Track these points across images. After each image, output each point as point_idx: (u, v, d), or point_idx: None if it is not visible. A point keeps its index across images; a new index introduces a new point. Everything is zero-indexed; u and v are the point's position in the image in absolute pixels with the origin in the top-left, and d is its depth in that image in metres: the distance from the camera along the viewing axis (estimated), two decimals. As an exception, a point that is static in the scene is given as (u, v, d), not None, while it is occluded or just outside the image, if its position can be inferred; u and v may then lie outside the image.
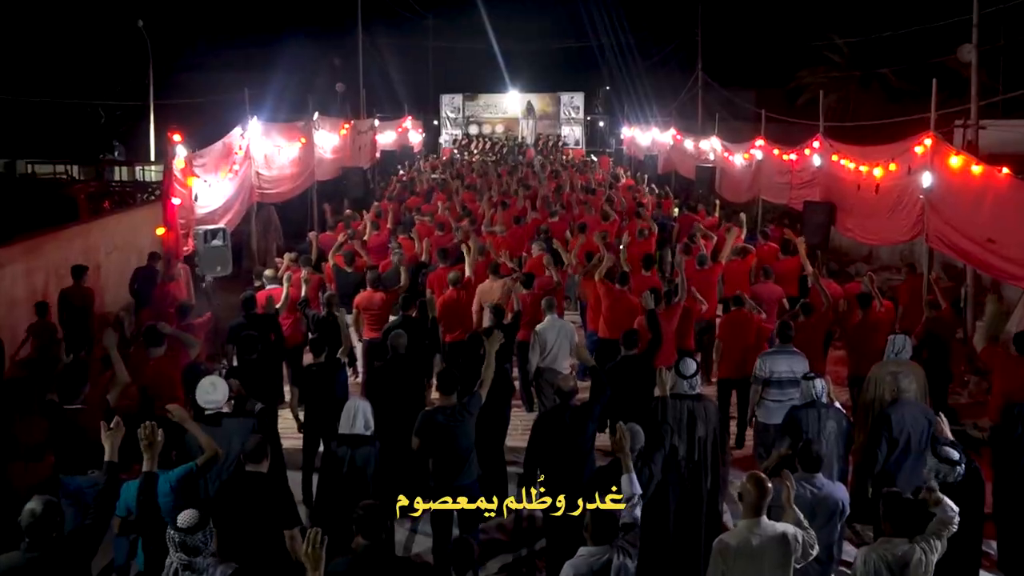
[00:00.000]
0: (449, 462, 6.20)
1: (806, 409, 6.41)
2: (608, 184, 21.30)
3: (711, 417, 6.46)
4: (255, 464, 5.28)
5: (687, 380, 6.46)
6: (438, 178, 22.27)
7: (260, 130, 13.94)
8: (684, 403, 6.40)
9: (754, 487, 4.69)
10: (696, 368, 6.54)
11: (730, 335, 8.94)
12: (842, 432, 6.41)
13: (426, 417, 6.28)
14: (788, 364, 7.65)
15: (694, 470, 6.31)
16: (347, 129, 19.73)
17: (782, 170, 15.74)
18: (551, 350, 8.69)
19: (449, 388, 6.37)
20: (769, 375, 7.68)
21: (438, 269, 11.00)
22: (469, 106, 40.86)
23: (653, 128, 28.58)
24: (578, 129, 40.38)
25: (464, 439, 6.23)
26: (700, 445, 6.37)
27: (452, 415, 6.23)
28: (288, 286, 9.55)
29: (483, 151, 36.80)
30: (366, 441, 5.96)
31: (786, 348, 7.83)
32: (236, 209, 12.80)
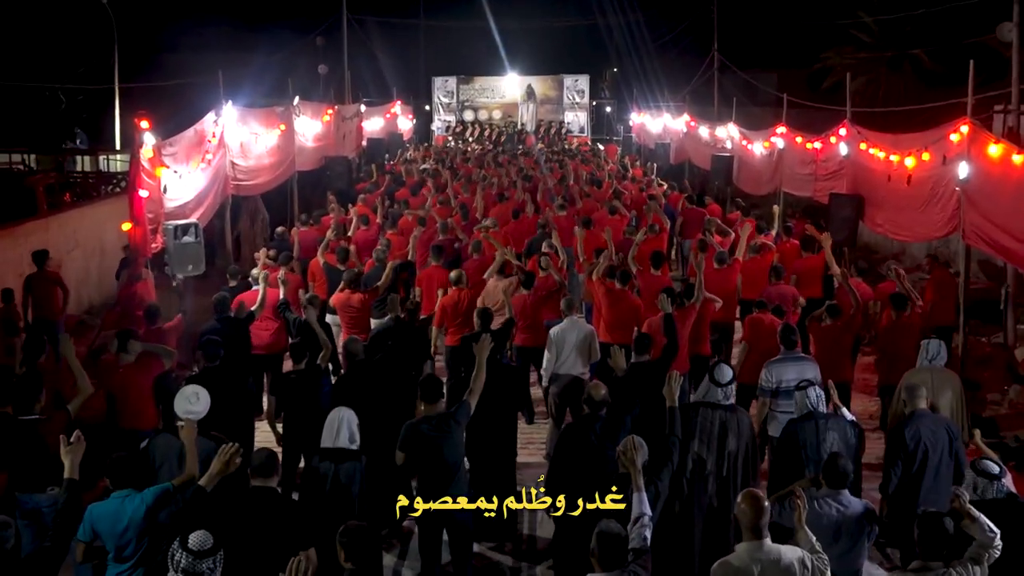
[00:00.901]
0: (436, 477, 6.18)
1: (803, 422, 6.41)
2: (618, 175, 21.32)
3: (744, 431, 6.44)
4: (264, 479, 5.27)
5: (722, 388, 6.43)
6: (428, 168, 22.26)
7: (236, 116, 13.93)
8: (716, 413, 6.38)
9: (749, 506, 4.64)
10: (732, 376, 6.54)
11: (754, 338, 8.94)
12: (847, 443, 6.38)
13: (410, 428, 6.27)
14: (798, 372, 7.61)
15: (722, 487, 6.30)
16: (330, 115, 19.73)
17: (805, 160, 15.74)
18: (570, 355, 8.71)
19: (432, 396, 6.36)
20: (777, 385, 7.67)
21: (430, 267, 11.00)
22: (464, 90, 40.86)
23: (665, 114, 28.59)
24: (583, 115, 40.39)
25: (451, 452, 6.22)
26: (730, 460, 6.35)
27: (438, 426, 6.22)
28: (265, 287, 9.55)
29: (479, 138, 36.80)
30: (351, 456, 5.95)
31: (793, 354, 7.83)
32: (209, 202, 12.79)
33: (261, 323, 9.63)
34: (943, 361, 7.61)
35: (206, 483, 5.18)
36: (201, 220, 11.92)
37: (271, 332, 9.65)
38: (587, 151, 30.13)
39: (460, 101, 40.70)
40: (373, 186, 18.11)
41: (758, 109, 26.11)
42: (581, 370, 8.79)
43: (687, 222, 15.45)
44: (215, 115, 13.25)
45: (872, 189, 12.84)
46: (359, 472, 5.93)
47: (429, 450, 6.17)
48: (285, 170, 16.58)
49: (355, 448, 6.00)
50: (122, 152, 25.48)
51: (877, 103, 27.78)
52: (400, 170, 21.70)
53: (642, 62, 37.71)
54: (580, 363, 8.77)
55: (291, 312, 9.33)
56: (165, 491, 5.24)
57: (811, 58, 34.84)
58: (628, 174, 21.94)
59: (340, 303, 9.91)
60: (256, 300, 9.53)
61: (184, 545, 4.22)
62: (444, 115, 40.46)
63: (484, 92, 41.06)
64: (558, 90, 40.76)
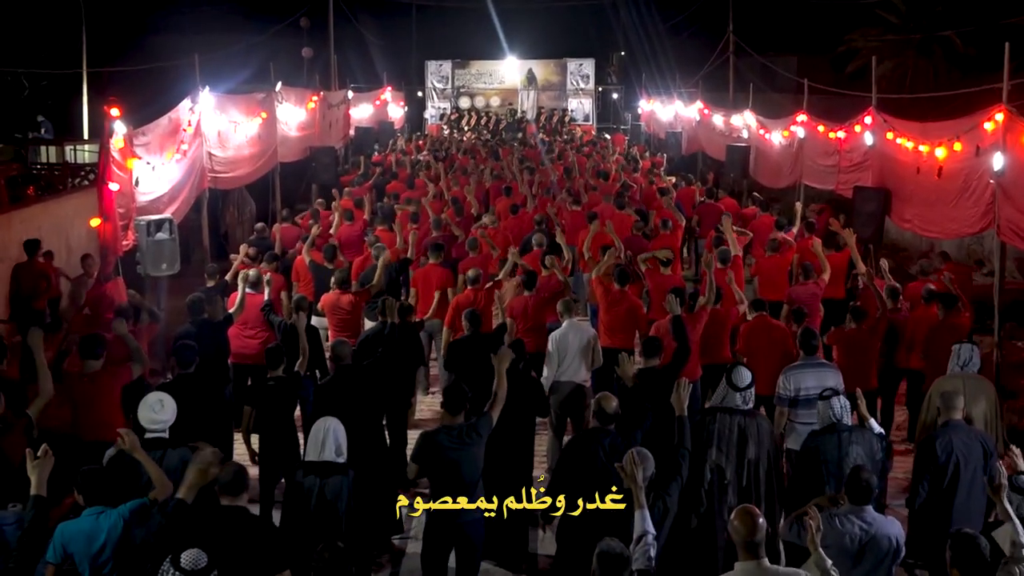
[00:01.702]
0: (451, 493, 6.17)
1: (824, 435, 6.42)
2: (630, 167, 21.34)
3: (764, 437, 6.48)
4: (232, 497, 5.26)
5: (740, 393, 6.48)
6: (421, 159, 22.29)
7: (213, 103, 13.94)
8: (734, 419, 6.42)
9: (741, 523, 4.62)
10: (751, 379, 6.56)
11: (756, 345, 8.95)
12: (873, 457, 6.40)
13: (427, 439, 6.25)
14: (818, 379, 7.64)
15: (744, 497, 6.32)
16: (315, 102, 19.75)
17: (828, 150, 15.75)
18: (571, 360, 8.72)
19: (456, 407, 6.37)
20: (795, 394, 7.68)
21: (427, 266, 11.03)
22: (459, 75, 40.87)
23: (676, 101, 28.61)
24: (588, 102, 40.41)
25: (470, 467, 6.21)
26: (751, 469, 6.39)
27: (458, 437, 6.22)
28: (244, 287, 9.56)
29: (475, 127, 36.81)
30: (338, 470, 5.95)
31: (813, 360, 7.85)
32: (184, 196, 12.80)
33: (249, 331, 9.65)
34: (976, 367, 7.62)
35: (185, 495, 5.16)
36: (176, 215, 11.93)
37: (261, 341, 9.60)
38: (588, 141, 30.12)
39: (455, 87, 40.71)
40: (360, 179, 18.13)
41: (777, 96, 26.10)
42: (584, 377, 8.81)
43: (704, 218, 15.47)
44: (191, 102, 13.26)
45: (900, 182, 12.84)
46: (347, 488, 5.92)
47: (446, 464, 6.17)
48: (266, 161, 16.59)
49: (342, 462, 6.00)
50: (90, 142, 25.42)
51: (905, 89, 27.81)
52: (391, 161, 21.72)
53: (652, 45, 37.74)
54: (583, 369, 8.79)
55: (275, 315, 9.35)
56: (143, 506, 5.24)
57: (834, 40, 34.85)
58: (639, 166, 21.98)
59: (329, 305, 9.93)
60: (253, 302, 9.55)
61: (176, 564, 4.23)
62: (438, 102, 40.47)
63: (481, 77, 41.06)
64: (561, 75, 40.77)
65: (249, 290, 9.74)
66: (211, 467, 5.23)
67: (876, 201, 13.17)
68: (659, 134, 29.99)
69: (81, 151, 27.47)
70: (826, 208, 17.10)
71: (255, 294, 9.73)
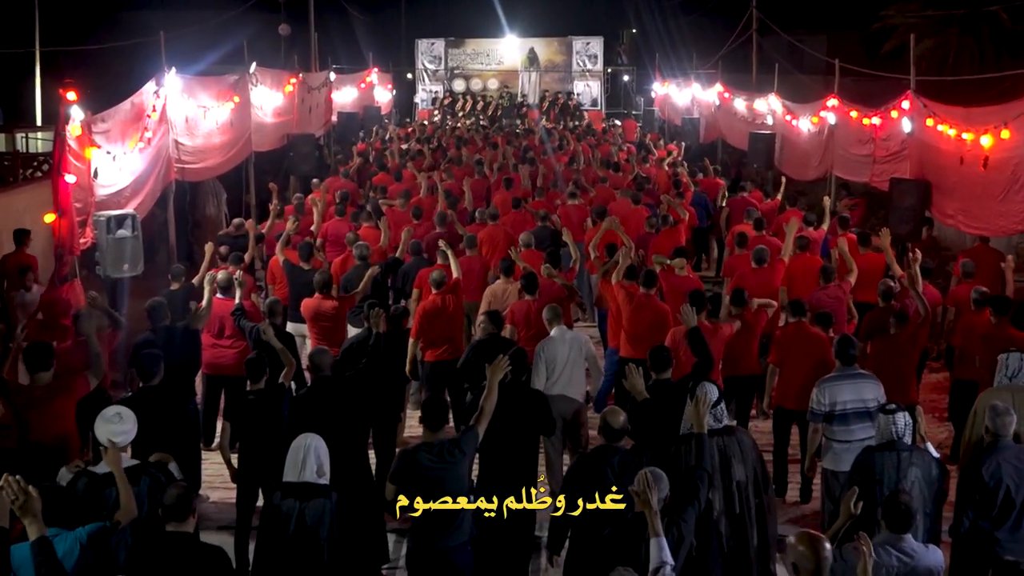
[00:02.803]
0: (434, 516, 6.18)
1: (883, 452, 6.40)
2: (640, 156, 21.36)
3: (748, 453, 6.48)
4: (178, 523, 5.26)
5: (711, 412, 6.47)
6: (411, 149, 22.31)
7: (180, 86, 13.94)
8: (712, 440, 6.39)
9: (810, 550, 4.63)
10: (719, 395, 6.59)
11: (791, 354, 8.96)
12: (930, 482, 6.40)
13: (406, 457, 6.27)
14: (856, 392, 7.63)
15: (737, 526, 6.31)
16: (294, 85, 19.76)
17: (862, 138, 15.77)
18: (561, 371, 8.70)
19: (436, 422, 6.39)
20: (831, 408, 7.67)
21: (436, 267, 11.06)
22: (453, 55, 40.86)
23: (693, 84, 28.61)
24: (595, 85, 40.41)
25: (454, 486, 6.21)
26: (740, 493, 6.39)
27: (440, 455, 6.22)
28: (210, 291, 9.57)
29: (471, 113, 36.82)
30: (319, 492, 5.96)
31: (851, 371, 7.83)
32: (148, 189, 12.80)
33: (225, 340, 9.65)
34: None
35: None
36: (139, 210, 11.93)
37: (238, 351, 9.60)
38: (590, 129, 30.12)
39: (449, 68, 40.69)
40: (354, 171, 18.12)
41: (805, 78, 26.11)
42: (579, 392, 8.82)
43: (733, 213, 15.49)
44: (155, 85, 13.25)
45: (941, 173, 12.85)
46: (329, 512, 5.92)
47: (427, 484, 6.17)
48: (239, 151, 16.59)
49: (324, 483, 6.00)
50: (44, 129, 25.41)
51: (947, 70, 27.79)
52: (375, 150, 21.75)
53: (666, 22, 37.76)
54: (577, 383, 8.77)
55: (247, 320, 9.34)
56: (102, 529, 5.25)
57: (868, 17, 34.82)
58: (654, 156, 21.99)
59: (310, 311, 9.92)
60: (224, 308, 9.56)
61: None
62: (430, 85, 40.46)
63: (477, 58, 41.06)
64: (566, 55, 40.77)
65: (219, 295, 9.74)
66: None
67: (915, 195, 13.18)
68: (674, 120, 29.98)
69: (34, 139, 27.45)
70: (860, 202, 17.11)
71: (226, 299, 9.72)
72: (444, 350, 9.84)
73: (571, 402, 8.73)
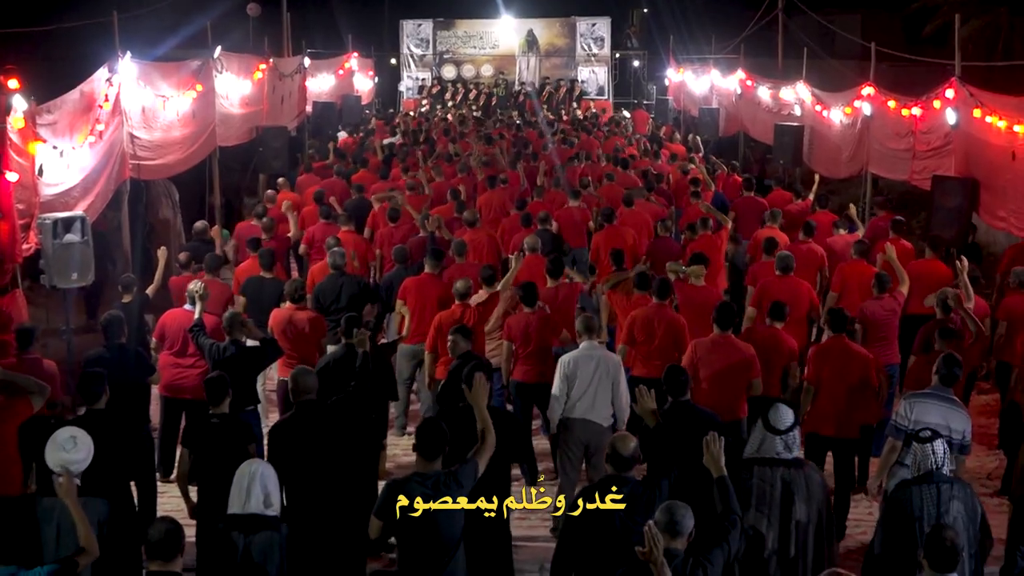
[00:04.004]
0: (425, 557, 6.17)
1: (920, 486, 6.40)
2: (652, 151, 21.40)
3: (816, 492, 6.46)
4: (164, 562, 5.32)
5: (782, 437, 6.46)
6: (395, 143, 22.33)
7: (136, 73, 13.94)
8: (776, 471, 6.40)
9: None
10: (794, 420, 6.56)
11: (829, 374, 8.95)
12: (974, 517, 6.40)
13: (394, 489, 6.25)
14: (944, 417, 7.60)
15: (789, 570, 6.31)
16: (264, 72, 19.76)
17: (900, 131, 15.78)
18: (584, 392, 8.70)
19: (432, 450, 6.37)
20: (913, 426, 7.63)
21: (423, 276, 11.12)
22: (442, 38, 40.92)
23: (712, 70, 28.67)
24: (602, 71, 40.46)
25: (449, 524, 6.21)
26: (799, 533, 6.37)
27: (434, 488, 6.22)
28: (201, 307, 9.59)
29: (462, 103, 36.86)
30: (267, 524, 6.01)
31: (944, 393, 7.80)
32: (100, 189, 12.79)
33: (186, 359, 9.66)
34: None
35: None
36: (90, 213, 11.91)
37: (201, 372, 9.60)
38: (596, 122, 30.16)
39: (437, 53, 40.75)
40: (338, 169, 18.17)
41: (837, 63, 26.12)
42: (605, 416, 8.80)
43: (742, 216, 15.49)
44: (108, 71, 13.24)
45: (990, 170, 12.86)
46: (278, 546, 5.97)
47: (418, 521, 6.16)
48: (202, 146, 16.58)
49: (272, 514, 6.05)
50: (-17, 121, 25.50)
51: (996, 55, 27.85)
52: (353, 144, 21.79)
53: (681, 0, 37.83)
54: (602, 406, 8.76)
55: (206, 337, 9.34)
56: (53, 573, 5.27)
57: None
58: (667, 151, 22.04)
59: (280, 323, 9.93)
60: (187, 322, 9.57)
61: None
62: (416, 72, 40.51)
63: (470, 41, 41.10)
64: (569, 38, 40.81)
65: (188, 306, 9.77)
66: None
67: (960, 194, 13.18)
68: (691, 111, 30.03)
69: (-29, 132, 27.41)
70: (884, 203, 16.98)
71: (191, 311, 9.75)
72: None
73: (594, 427, 8.72)
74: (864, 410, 8.88)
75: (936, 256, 11.80)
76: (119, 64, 13.42)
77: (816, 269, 12.48)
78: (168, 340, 9.85)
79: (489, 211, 15.21)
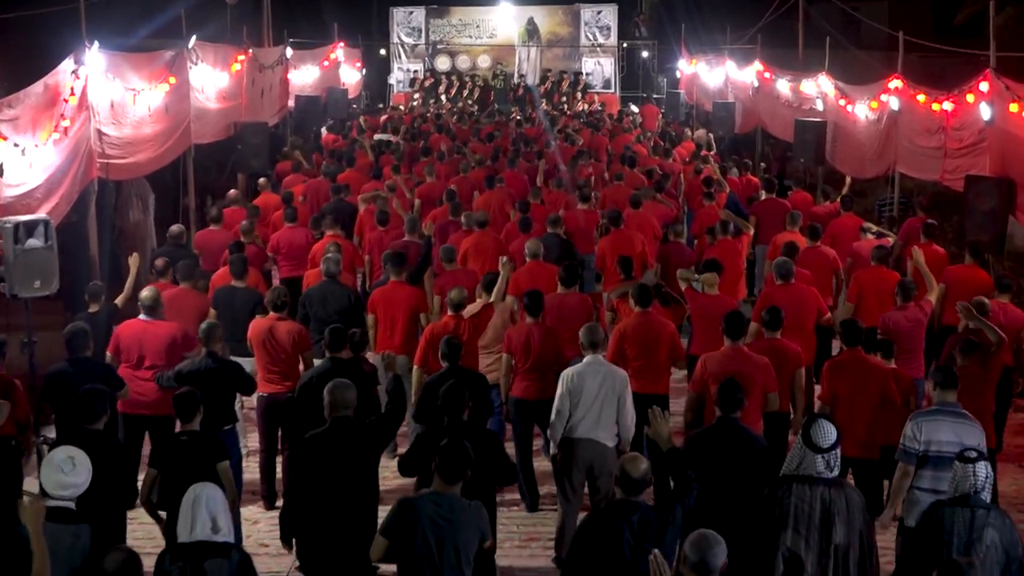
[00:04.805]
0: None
1: (954, 508, 6.42)
2: (663, 149, 21.42)
3: (855, 515, 6.47)
4: None
5: (823, 456, 6.47)
6: (385, 140, 22.35)
7: (104, 64, 13.95)
8: (816, 491, 6.42)
9: None
10: (836, 437, 6.58)
11: (847, 390, 8.96)
12: (1009, 548, 6.39)
13: (406, 506, 6.32)
14: (955, 433, 7.65)
15: None
16: (242, 63, 19.79)
17: (931, 128, 15.80)
18: (588, 410, 8.70)
19: (454, 474, 6.41)
20: (924, 449, 7.67)
21: (388, 284, 11.07)
22: (436, 26, 40.93)
23: (727, 61, 28.72)
24: (608, 63, 40.46)
25: (462, 546, 6.28)
26: (838, 558, 6.39)
27: (451, 508, 6.30)
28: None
29: (456, 97, 36.88)
30: (217, 551, 6.04)
31: (952, 407, 7.85)
32: (65, 190, 12.79)
33: (143, 371, 9.65)
34: None
35: None
36: (54, 216, 11.91)
37: (157, 390, 9.61)
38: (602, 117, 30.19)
39: (430, 43, 40.76)
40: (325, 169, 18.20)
41: (862, 54, 26.13)
42: (609, 436, 8.80)
43: (764, 220, 15.49)
44: (74, 63, 13.25)
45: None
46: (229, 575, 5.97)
47: (425, 544, 6.22)
48: (176, 143, 16.60)
49: (223, 540, 6.07)
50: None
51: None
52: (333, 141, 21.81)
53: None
54: (606, 424, 8.76)
55: (168, 373, 9.35)
56: None
57: (939, -19, 35.05)
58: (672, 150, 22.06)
59: (259, 335, 9.93)
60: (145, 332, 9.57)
61: None
62: (407, 63, 40.51)
63: (465, 30, 41.11)
64: (573, 26, 40.81)
65: (144, 316, 9.75)
66: None
67: (996, 195, 13.18)
68: (704, 105, 30.05)
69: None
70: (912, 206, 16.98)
71: (150, 321, 9.76)
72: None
73: (598, 447, 8.71)
74: (885, 429, 8.83)
75: (976, 263, 11.79)
76: (86, 55, 13.43)
77: (830, 274, 12.47)
78: (124, 352, 9.75)
79: (488, 213, 15.23)
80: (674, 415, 10.87)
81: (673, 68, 36.34)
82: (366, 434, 7.62)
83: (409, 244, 12.70)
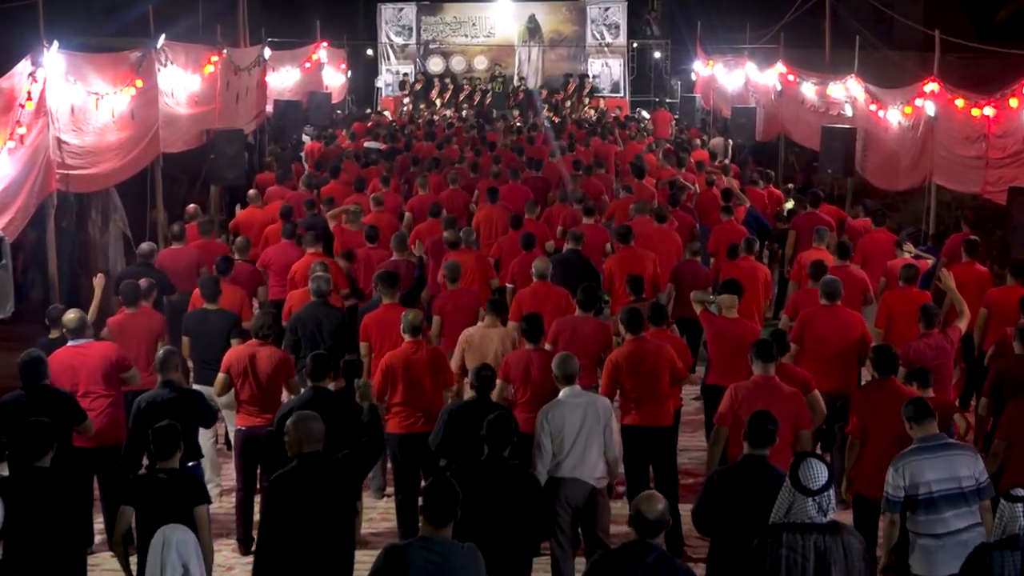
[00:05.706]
0: None
1: (1003, 551, 6.38)
2: (677, 159, 21.44)
3: (855, 562, 6.41)
4: None
5: (814, 498, 6.42)
6: (373, 148, 22.38)
7: (64, 65, 13.97)
8: (809, 538, 6.37)
9: None
10: (828, 477, 6.54)
11: (875, 424, 8.91)
12: None
13: (393, 555, 6.31)
14: (947, 468, 7.64)
15: None
16: (216, 65, 19.82)
17: (970, 135, 15.81)
18: (571, 447, 8.67)
19: (442, 517, 6.40)
20: (913, 492, 7.66)
21: (381, 307, 11.04)
22: (427, 24, 41.00)
23: (747, 63, 28.78)
24: (617, 64, 40.56)
25: None
26: None
27: (443, 554, 6.28)
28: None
29: (450, 102, 36.94)
30: None
31: (936, 439, 7.84)
32: (20, 204, 12.79)
33: (85, 399, 9.60)
34: None
35: None
36: (8, 231, 11.92)
37: (101, 411, 9.58)
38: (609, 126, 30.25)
39: (422, 42, 40.84)
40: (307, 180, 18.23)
41: (895, 55, 26.25)
42: (598, 474, 8.79)
43: (802, 234, 15.47)
44: (31, 64, 13.27)
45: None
46: None
47: None
48: (143, 152, 16.60)
49: None
50: None
51: (1083, 45, 27.94)
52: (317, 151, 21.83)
53: (711, -19, 38.01)
54: (591, 461, 8.73)
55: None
56: None
57: (978, -25, 35.16)
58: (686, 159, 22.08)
59: (236, 363, 9.89)
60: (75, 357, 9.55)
61: None
62: (396, 65, 40.59)
63: (460, 28, 41.17)
64: (578, 24, 40.89)
65: (72, 340, 9.72)
66: None
67: (1042, 209, 13.22)
68: (722, 110, 30.11)
69: None
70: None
71: (78, 345, 9.74)
72: (416, 421, 9.79)
73: (583, 486, 8.69)
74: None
75: (1019, 283, 11.76)
76: (44, 55, 13.44)
77: (859, 296, 12.42)
78: (56, 383, 9.61)
79: (489, 230, 15.19)
80: (682, 451, 10.98)
81: (688, 70, 36.44)
82: (339, 471, 7.55)
83: (399, 263, 12.69)
